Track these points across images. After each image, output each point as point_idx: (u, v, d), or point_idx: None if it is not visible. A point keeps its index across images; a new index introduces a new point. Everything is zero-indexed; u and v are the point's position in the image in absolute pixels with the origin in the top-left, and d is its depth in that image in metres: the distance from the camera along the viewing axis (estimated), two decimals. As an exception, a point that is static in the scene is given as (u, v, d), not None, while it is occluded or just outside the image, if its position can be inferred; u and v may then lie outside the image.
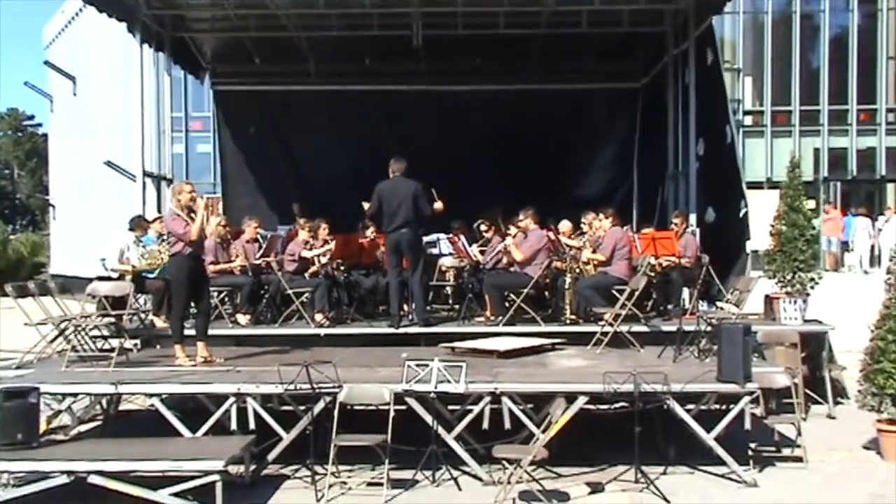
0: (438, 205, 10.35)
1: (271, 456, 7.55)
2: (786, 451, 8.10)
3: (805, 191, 10.92)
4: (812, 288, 10.39)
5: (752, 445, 7.69)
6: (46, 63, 35.71)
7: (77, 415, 8.97)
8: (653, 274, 10.72)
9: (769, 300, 10.62)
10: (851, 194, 28.63)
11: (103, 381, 7.93)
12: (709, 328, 9.04)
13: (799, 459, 7.89)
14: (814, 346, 10.06)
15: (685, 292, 11.15)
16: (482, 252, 11.89)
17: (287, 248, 11.41)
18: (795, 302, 10.23)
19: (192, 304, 9.05)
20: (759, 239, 11.38)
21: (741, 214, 11.48)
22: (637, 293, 9.58)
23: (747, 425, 7.46)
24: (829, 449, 8.36)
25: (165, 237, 9.74)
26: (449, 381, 7.26)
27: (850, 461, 8.12)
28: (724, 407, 7.78)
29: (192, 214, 8.63)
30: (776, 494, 7.09)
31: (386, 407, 7.29)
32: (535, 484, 6.79)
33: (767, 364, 8.88)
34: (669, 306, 10.78)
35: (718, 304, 11.38)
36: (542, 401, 7.63)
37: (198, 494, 6.66)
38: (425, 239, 11.44)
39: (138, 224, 11.16)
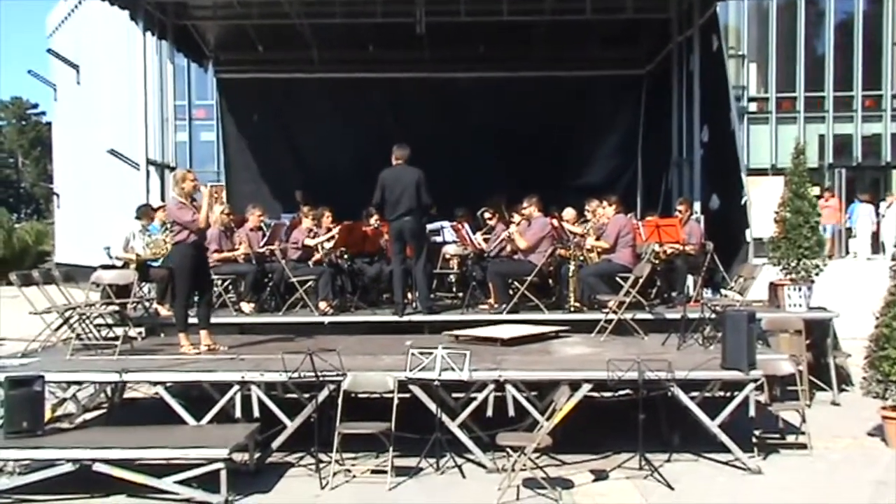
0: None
1: (275, 444, 7.56)
2: (790, 439, 8.10)
3: (810, 177, 10.89)
4: (817, 275, 10.38)
5: (757, 433, 7.70)
6: (50, 51, 35.68)
7: (82, 403, 8.99)
8: (657, 261, 10.71)
9: (773, 287, 10.60)
10: (856, 181, 28.50)
11: (108, 370, 7.94)
12: (713, 315, 9.02)
13: (803, 446, 7.90)
14: (818, 333, 10.05)
15: (689, 280, 11.13)
16: (486, 240, 11.88)
17: (290, 236, 11.41)
18: (800, 289, 10.21)
19: (195, 293, 9.05)
20: (764, 226, 11.35)
21: (742, 203, 11.46)
22: (641, 280, 9.57)
23: (752, 412, 7.46)
24: (834, 436, 8.36)
25: (169, 226, 9.74)
26: (453, 369, 7.26)
27: (855, 448, 8.12)
28: (728, 394, 7.77)
29: (194, 203, 8.63)
30: (780, 481, 7.09)
31: (390, 395, 7.30)
32: (539, 471, 6.78)
33: (772, 351, 8.86)
34: (674, 294, 10.78)
35: (723, 291, 11.36)
36: (546, 388, 7.62)
37: (202, 482, 6.68)
38: (429, 227, 11.44)
39: (145, 213, 11.17)
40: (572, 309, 10.43)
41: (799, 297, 10.18)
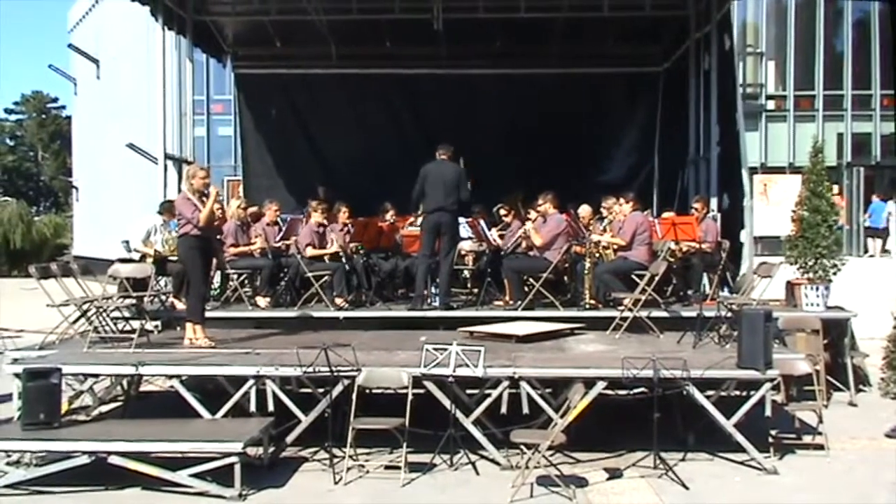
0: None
1: (290, 438, 7.59)
2: (806, 439, 8.05)
3: (828, 176, 10.82)
4: (835, 274, 10.31)
5: (773, 433, 7.65)
6: (70, 46, 35.90)
7: (98, 395, 9.02)
8: (673, 259, 10.66)
9: (791, 286, 10.54)
10: (875, 180, 28.26)
11: (124, 362, 7.98)
12: (729, 314, 8.98)
13: (820, 447, 7.84)
14: (836, 333, 9.99)
15: (705, 278, 11.07)
16: (501, 236, 11.85)
17: (301, 233, 11.36)
18: (817, 288, 10.14)
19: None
20: (782, 224, 11.30)
21: (742, 204, 11.40)
22: (657, 278, 9.53)
23: (768, 412, 7.42)
24: (851, 437, 8.30)
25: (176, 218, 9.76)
26: (467, 366, 7.26)
27: (872, 449, 8.06)
28: (744, 393, 7.72)
29: (204, 198, 8.65)
30: (796, 482, 7.05)
31: (404, 390, 7.31)
32: (553, 469, 6.78)
33: (788, 350, 8.81)
34: (689, 292, 10.73)
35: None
36: (561, 386, 7.61)
37: (216, 476, 6.70)
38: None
39: (168, 209, 11.16)
40: (587, 306, 10.39)
41: (816, 297, 10.12)
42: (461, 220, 11.87)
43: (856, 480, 7.17)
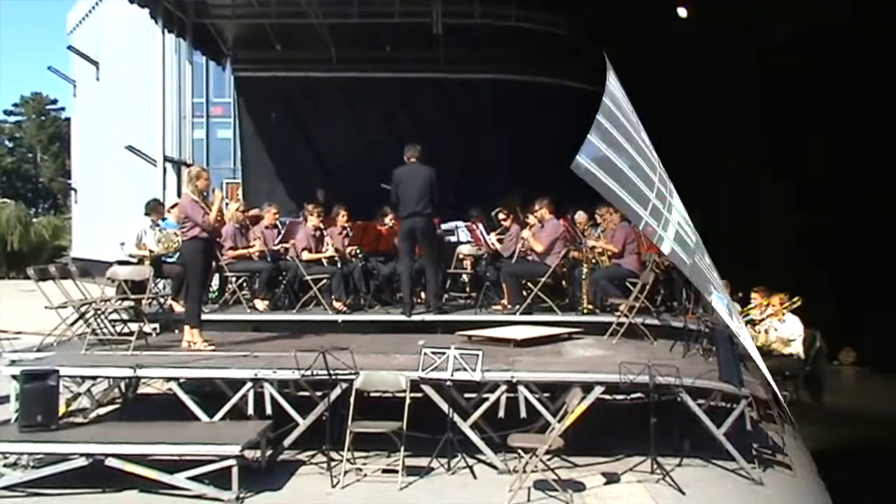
0: None
1: (287, 441, 7.59)
2: (778, 457, 7.97)
3: None
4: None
5: (755, 446, 7.64)
6: (70, 48, 35.92)
7: (96, 398, 9.01)
8: (658, 271, 10.65)
9: None
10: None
11: (122, 365, 7.99)
12: (707, 329, 8.94)
13: (788, 467, 7.61)
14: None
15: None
16: (500, 241, 11.85)
17: (298, 236, 11.35)
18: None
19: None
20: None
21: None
22: (648, 287, 9.54)
23: (748, 426, 7.43)
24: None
25: (181, 222, 9.76)
26: (465, 369, 7.27)
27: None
28: (729, 405, 7.71)
29: (206, 201, 8.65)
30: (782, 496, 6.98)
31: (402, 394, 7.32)
32: (551, 473, 6.77)
33: (748, 374, 8.72)
34: (675, 304, 10.71)
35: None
36: (559, 390, 7.63)
37: (214, 479, 6.70)
38: (443, 226, 11.42)
39: (154, 208, 11.13)
40: (585, 311, 10.39)
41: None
42: (460, 223, 11.91)
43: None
